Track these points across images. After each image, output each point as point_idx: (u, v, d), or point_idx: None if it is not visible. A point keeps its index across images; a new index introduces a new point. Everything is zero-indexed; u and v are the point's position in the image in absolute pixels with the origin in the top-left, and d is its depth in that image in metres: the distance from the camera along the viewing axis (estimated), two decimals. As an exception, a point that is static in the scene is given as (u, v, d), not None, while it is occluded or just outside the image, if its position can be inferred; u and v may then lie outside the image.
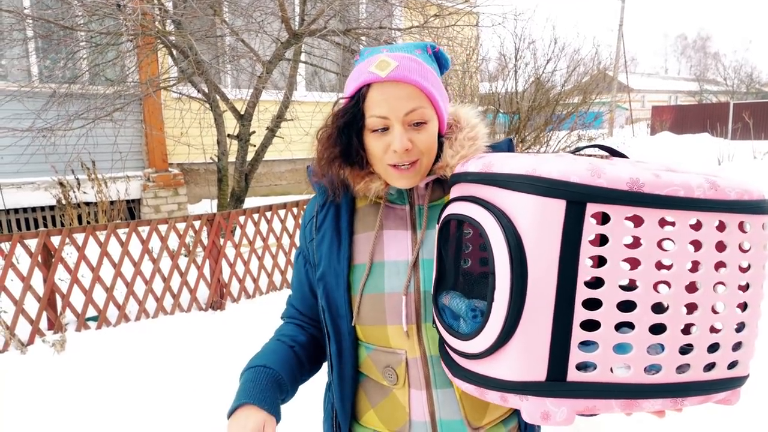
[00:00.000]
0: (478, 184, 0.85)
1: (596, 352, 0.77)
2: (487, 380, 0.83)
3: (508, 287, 0.77)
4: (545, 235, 0.75)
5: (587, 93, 9.58)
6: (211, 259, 4.48)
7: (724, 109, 24.52)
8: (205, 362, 3.58)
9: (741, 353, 0.85)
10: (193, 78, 5.99)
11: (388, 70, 1.00)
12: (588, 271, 0.75)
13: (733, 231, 0.80)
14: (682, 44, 56.62)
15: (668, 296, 0.78)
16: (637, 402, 0.80)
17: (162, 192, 7.91)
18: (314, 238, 1.13)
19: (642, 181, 0.74)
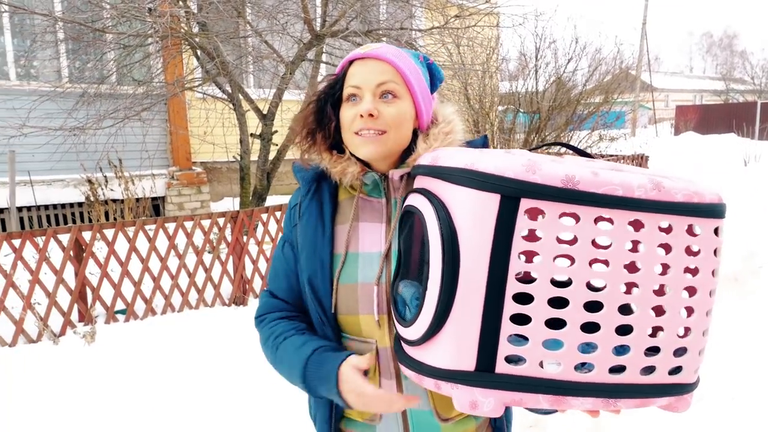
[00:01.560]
0: (428, 177, 0.88)
1: (526, 346, 0.78)
2: (423, 367, 0.85)
3: (439, 277, 0.78)
4: (478, 228, 0.76)
5: (609, 92, 9.52)
6: (235, 255, 4.59)
7: (751, 108, 24.04)
8: (228, 356, 3.68)
9: (685, 359, 0.83)
10: (217, 79, 6.13)
11: (370, 49, 1.11)
12: (520, 266, 0.76)
13: (680, 234, 0.79)
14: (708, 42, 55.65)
15: (603, 295, 0.77)
16: (566, 399, 0.80)
17: (186, 190, 8.08)
18: (298, 223, 1.17)
19: (577, 179, 0.74)
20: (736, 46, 49.17)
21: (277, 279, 1.22)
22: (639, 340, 0.80)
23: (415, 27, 5.84)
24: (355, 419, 1.16)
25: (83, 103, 6.17)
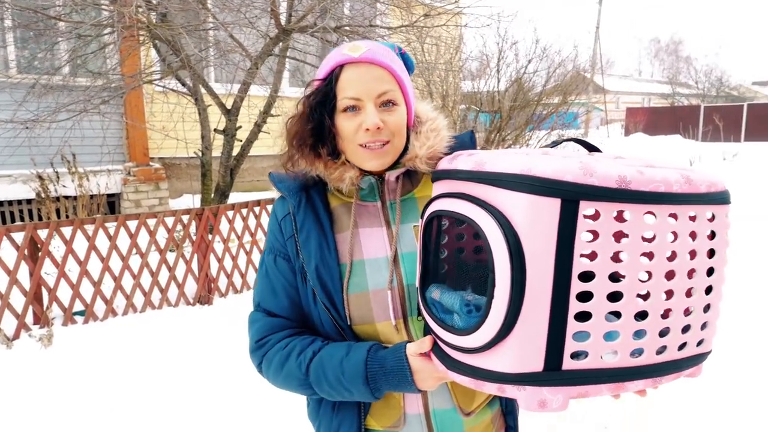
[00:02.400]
0: (470, 181, 0.87)
1: (588, 341, 0.80)
2: (485, 373, 0.85)
3: (508, 284, 0.79)
4: (542, 233, 0.77)
5: (567, 94, 9.74)
6: (200, 253, 4.47)
7: (695, 111, 25.12)
8: (193, 357, 3.58)
9: (706, 332, 0.91)
10: (178, 72, 5.95)
11: (361, 52, 1.05)
12: (581, 266, 0.78)
13: (703, 221, 0.85)
14: (655, 48, 57.77)
15: (650, 285, 0.82)
16: (624, 384, 0.84)
17: (143, 186, 7.82)
18: (295, 234, 1.12)
19: (629, 179, 0.77)
20: (681, 52, 51.19)
21: (275, 296, 1.13)
22: (677, 321, 0.85)
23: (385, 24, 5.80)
24: (377, 428, 1.13)
25: (34, 95, 5.87)
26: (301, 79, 8.27)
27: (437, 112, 1.19)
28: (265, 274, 1.16)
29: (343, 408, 1.13)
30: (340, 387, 1.04)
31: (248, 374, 3.39)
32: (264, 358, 1.12)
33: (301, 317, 1.15)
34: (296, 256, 1.12)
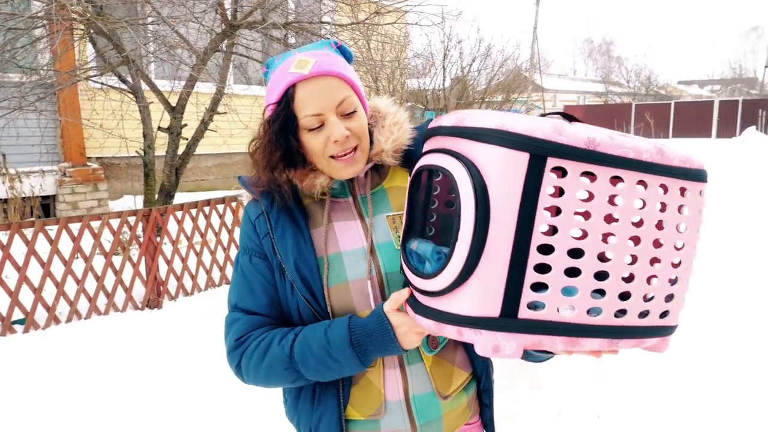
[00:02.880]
0: (451, 136, 0.91)
1: (546, 293, 0.84)
2: (445, 315, 0.89)
3: (471, 229, 0.82)
4: (508, 184, 0.81)
5: (510, 91, 10.01)
6: (147, 256, 4.32)
7: (627, 109, 26.30)
8: (144, 363, 3.46)
9: (672, 304, 0.94)
10: (118, 68, 5.71)
11: (309, 67, 1.05)
12: (545, 219, 0.82)
13: (674, 194, 0.88)
14: (589, 48, 60.02)
15: (613, 247, 0.86)
16: (578, 340, 0.87)
17: (80, 188, 7.49)
18: (270, 232, 1.12)
19: (597, 141, 0.81)
20: (612, 52, 53.41)
21: (254, 295, 1.13)
22: (639, 287, 0.88)
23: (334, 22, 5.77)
24: (357, 418, 1.14)
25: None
26: (245, 76, 8.13)
27: (396, 105, 1.21)
28: (241, 275, 1.16)
29: (322, 400, 1.14)
30: (327, 358, 1.04)
31: (206, 377, 3.31)
32: (243, 356, 1.11)
33: (281, 314, 1.15)
34: (273, 253, 1.12)
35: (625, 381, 3.18)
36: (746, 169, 11.34)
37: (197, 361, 3.48)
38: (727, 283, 4.75)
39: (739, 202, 8.00)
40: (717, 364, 3.37)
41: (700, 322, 3.89)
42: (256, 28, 4.87)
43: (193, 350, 3.63)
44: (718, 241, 6.03)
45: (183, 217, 4.57)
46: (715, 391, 3.06)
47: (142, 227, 4.32)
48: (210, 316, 4.22)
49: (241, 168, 9.89)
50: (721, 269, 5.06)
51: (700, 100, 30.54)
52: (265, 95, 1.13)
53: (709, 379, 3.21)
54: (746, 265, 5.31)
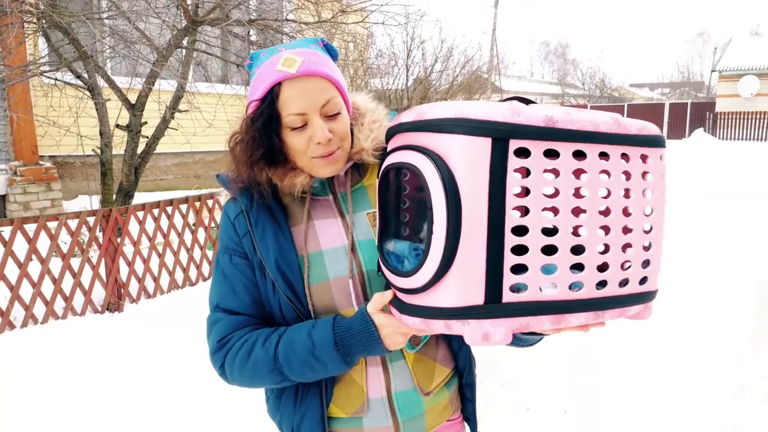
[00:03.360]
0: (412, 132, 0.91)
1: (527, 274, 0.84)
2: (431, 311, 0.88)
3: (444, 220, 0.82)
4: (475, 170, 0.81)
5: (472, 92, 10.14)
6: (107, 257, 4.19)
7: (583, 111, 27.00)
8: (104, 367, 3.36)
9: (649, 270, 0.95)
10: (73, 64, 5.52)
11: (296, 66, 1.04)
12: (515, 201, 0.83)
13: (636, 162, 0.90)
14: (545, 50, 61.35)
15: (585, 220, 0.88)
16: (565, 317, 0.88)
17: (32, 187, 7.19)
18: (251, 230, 1.11)
19: (556, 118, 0.82)
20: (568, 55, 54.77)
21: (235, 295, 1.12)
22: (615, 256, 0.90)
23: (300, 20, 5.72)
24: (340, 416, 1.14)
25: None
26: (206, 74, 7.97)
27: (375, 103, 1.21)
28: (222, 275, 1.14)
29: (305, 399, 1.13)
30: (312, 359, 1.04)
31: (169, 381, 3.24)
32: (227, 357, 1.10)
33: (263, 314, 1.14)
34: (253, 251, 1.11)
35: (591, 377, 3.28)
36: (696, 169, 11.82)
37: (161, 365, 3.40)
38: (682, 279, 4.94)
39: (690, 200, 8.33)
40: (678, 357, 3.51)
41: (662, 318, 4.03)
42: (219, 25, 4.79)
43: (156, 354, 3.55)
44: (671, 237, 6.26)
45: (145, 217, 4.45)
46: (679, 386, 3.18)
47: (101, 228, 4.19)
48: (173, 319, 4.13)
49: (202, 167, 9.70)
50: (675, 263, 5.26)
51: (652, 102, 31.63)
52: (249, 90, 1.11)
53: (674, 373, 3.33)
54: (698, 260, 5.53)
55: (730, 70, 23.49)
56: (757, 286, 4.80)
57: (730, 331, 3.89)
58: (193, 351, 3.49)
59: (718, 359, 3.46)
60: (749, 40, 26.57)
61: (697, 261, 5.48)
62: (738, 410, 2.90)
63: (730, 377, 3.24)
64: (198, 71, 7.19)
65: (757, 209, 7.92)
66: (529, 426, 2.83)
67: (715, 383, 3.17)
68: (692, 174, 11.14)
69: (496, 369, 3.31)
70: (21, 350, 3.54)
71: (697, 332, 3.85)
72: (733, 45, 25.63)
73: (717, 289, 4.73)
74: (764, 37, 29.13)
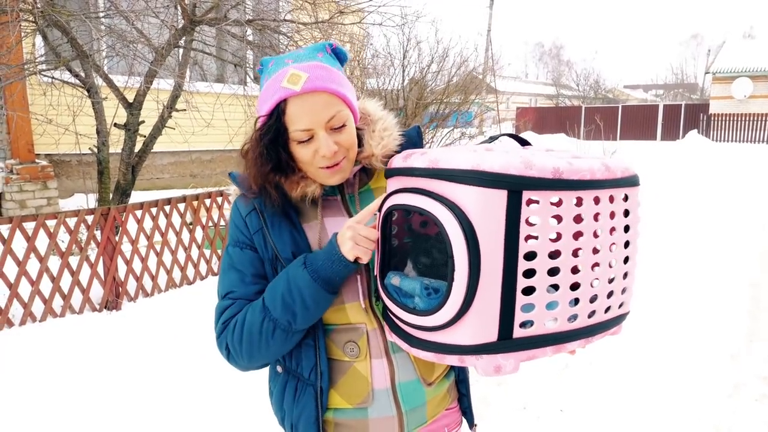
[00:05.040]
0: (425, 178, 0.96)
1: (534, 312, 0.92)
2: (447, 347, 0.96)
3: (466, 268, 0.89)
4: (492, 220, 0.88)
5: (467, 93, 10.16)
6: (106, 256, 4.20)
7: (577, 112, 27.12)
8: (102, 365, 3.37)
9: (625, 296, 1.05)
10: (71, 63, 5.51)
11: (301, 83, 1.06)
12: (526, 247, 0.90)
13: (619, 201, 0.99)
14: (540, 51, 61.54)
15: (580, 260, 0.96)
16: (564, 345, 0.98)
17: (28, 186, 7.18)
18: (265, 227, 1.15)
19: (561, 170, 0.90)
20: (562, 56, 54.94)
21: (245, 284, 1.16)
22: (603, 288, 0.99)
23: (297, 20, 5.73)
24: (345, 407, 1.17)
25: None
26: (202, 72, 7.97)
27: (385, 110, 1.25)
28: (230, 266, 1.18)
29: (302, 398, 1.18)
30: (290, 290, 1.08)
31: (167, 380, 3.25)
32: (228, 335, 1.13)
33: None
34: (264, 247, 1.16)
35: (587, 377, 3.31)
36: (689, 170, 11.89)
37: (158, 363, 3.42)
38: (677, 280, 4.98)
39: (683, 202, 8.39)
40: (673, 357, 3.55)
41: (657, 319, 4.07)
42: (217, 25, 4.79)
43: (154, 352, 3.56)
44: (666, 238, 6.31)
45: (143, 216, 4.46)
46: (674, 386, 3.22)
47: (99, 227, 4.20)
48: (171, 318, 4.14)
49: (198, 166, 9.69)
50: (670, 264, 5.30)
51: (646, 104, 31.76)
52: (257, 104, 1.15)
53: (669, 373, 3.37)
54: (692, 261, 5.58)
55: (724, 72, 23.64)
56: (751, 287, 4.86)
57: (725, 331, 3.94)
58: (191, 349, 3.51)
59: (714, 359, 3.50)
60: (743, 42, 26.76)
61: (691, 262, 5.53)
62: (733, 410, 2.94)
63: (725, 377, 3.28)
64: (195, 70, 7.18)
65: (750, 211, 7.99)
66: (525, 425, 2.86)
67: (710, 383, 3.21)
68: (686, 176, 11.21)
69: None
70: (20, 348, 3.55)
71: (692, 332, 3.90)
72: (727, 47, 25.80)
73: (711, 290, 4.78)
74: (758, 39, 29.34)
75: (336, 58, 1.16)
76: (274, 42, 5.96)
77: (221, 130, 7.16)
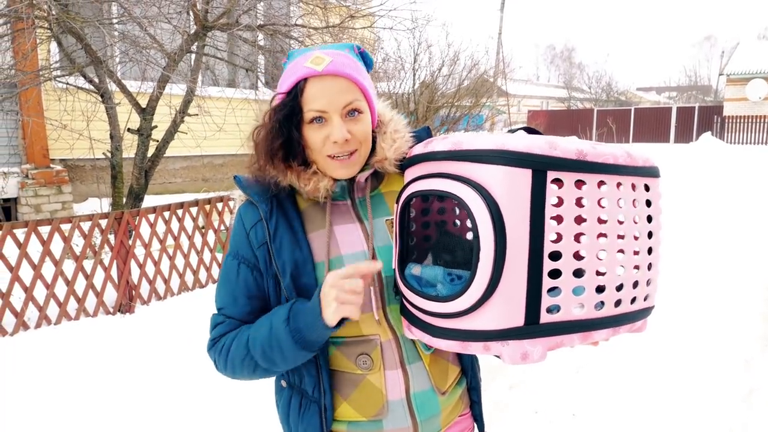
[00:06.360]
0: (448, 161, 0.94)
1: (560, 296, 0.90)
2: (471, 334, 0.92)
3: (492, 248, 0.87)
4: (517, 200, 0.86)
5: (478, 96, 10.15)
6: (119, 259, 4.24)
7: (589, 114, 26.96)
8: (116, 368, 3.40)
9: (650, 288, 1.03)
10: (85, 68, 5.58)
11: (324, 65, 1.06)
12: (551, 228, 0.89)
13: (641, 190, 0.99)
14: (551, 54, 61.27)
15: (607, 244, 0.94)
16: (591, 333, 0.95)
17: (43, 190, 7.28)
18: (268, 244, 1.12)
19: (585, 152, 0.90)
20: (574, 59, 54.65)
21: (236, 304, 1.15)
22: (628, 277, 0.97)
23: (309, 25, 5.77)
24: (360, 420, 1.15)
25: None
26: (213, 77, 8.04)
27: (394, 111, 1.23)
28: (227, 280, 1.17)
29: (307, 414, 1.16)
30: (270, 338, 1.06)
31: (180, 382, 3.27)
32: (217, 353, 1.16)
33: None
34: (268, 264, 1.13)
35: (599, 380, 3.29)
36: (703, 173, 11.78)
37: (171, 366, 3.44)
38: (691, 283, 4.93)
39: (698, 204, 8.31)
40: (687, 361, 3.52)
41: (671, 322, 4.04)
42: (229, 30, 4.84)
43: (167, 355, 3.59)
44: (680, 241, 6.25)
45: (156, 220, 4.50)
46: (688, 390, 3.19)
47: (113, 230, 4.24)
48: (184, 321, 4.17)
49: (210, 170, 9.76)
50: (684, 267, 5.25)
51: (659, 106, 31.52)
52: (279, 84, 1.14)
53: (683, 377, 3.34)
54: (706, 264, 5.52)
55: (738, 73, 23.39)
56: (765, 291, 4.80)
57: (740, 335, 3.89)
58: (203, 352, 3.53)
59: (728, 363, 3.46)
60: (757, 44, 26.46)
61: (705, 265, 5.48)
62: (747, 414, 2.90)
63: (740, 381, 3.24)
64: (207, 75, 7.25)
65: (765, 214, 7.90)
66: (537, 429, 2.85)
67: (724, 387, 3.17)
68: (700, 178, 11.11)
69: (504, 372, 3.32)
70: (35, 350, 3.59)
71: (706, 336, 3.86)
72: (741, 48, 25.53)
73: (726, 293, 4.73)
74: (772, 40, 29.01)
75: (362, 60, 1.15)
76: (285, 47, 6.01)
77: (233, 135, 7.21)
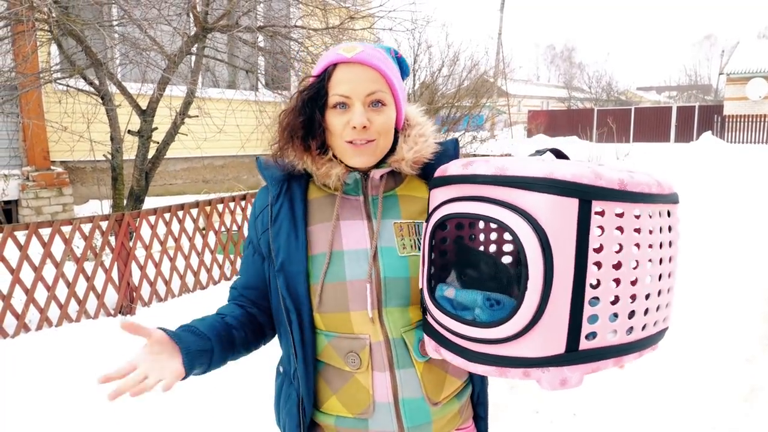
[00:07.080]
0: (490, 185, 0.94)
1: (598, 323, 0.91)
2: (510, 360, 0.93)
3: (541, 277, 0.87)
4: (564, 229, 0.87)
5: (478, 96, 10.16)
6: (120, 261, 4.25)
7: (589, 114, 26.96)
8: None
9: (668, 310, 1.06)
10: (86, 71, 5.59)
11: (354, 53, 1.10)
12: (594, 257, 0.89)
13: (665, 216, 1.00)
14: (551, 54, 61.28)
15: (639, 271, 0.95)
16: (622, 358, 0.96)
17: (44, 192, 7.27)
18: (269, 229, 1.15)
19: (626, 182, 0.91)
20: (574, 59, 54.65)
21: (241, 273, 1.27)
22: (654, 302, 0.99)
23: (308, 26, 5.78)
24: (346, 416, 1.15)
25: None
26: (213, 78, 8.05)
27: (425, 117, 1.24)
28: (245, 262, 1.25)
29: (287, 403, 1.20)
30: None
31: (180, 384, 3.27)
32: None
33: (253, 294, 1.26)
34: (268, 250, 1.17)
35: (601, 380, 3.28)
36: (704, 172, 11.78)
37: (175, 367, 3.43)
38: (692, 283, 4.93)
39: (698, 204, 8.31)
40: (688, 360, 3.51)
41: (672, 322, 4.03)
42: (229, 32, 4.84)
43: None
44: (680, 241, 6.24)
45: (156, 221, 4.50)
46: (689, 389, 3.19)
47: (113, 232, 4.24)
48: (185, 322, 4.17)
49: (210, 172, 9.77)
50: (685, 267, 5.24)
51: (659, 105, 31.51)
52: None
53: (684, 377, 3.34)
54: (707, 265, 5.52)
55: (738, 72, 23.39)
56: (767, 290, 4.79)
57: (741, 334, 3.89)
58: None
59: (729, 362, 3.46)
60: (757, 43, 26.46)
61: (706, 265, 5.48)
62: (748, 413, 2.90)
63: (741, 380, 3.24)
64: (207, 77, 7.25)
65: (765, 213, 7.89)
66: (537, 429, 2.85)
67: (725, 386, 3.17)
68: (700, 177, 11.10)
69: (506, 372, 3.32)
70: (37, 352, 3.59)
71: (708, 335, 3.86)
72: (741, 48, 25.53)
73: (727, 293, 4.73)
74: (772, 39, 28.98)
75: (397, 64, 1.18)
76: (285, 48, 6.01)
77: (233, 136, 7.22)
